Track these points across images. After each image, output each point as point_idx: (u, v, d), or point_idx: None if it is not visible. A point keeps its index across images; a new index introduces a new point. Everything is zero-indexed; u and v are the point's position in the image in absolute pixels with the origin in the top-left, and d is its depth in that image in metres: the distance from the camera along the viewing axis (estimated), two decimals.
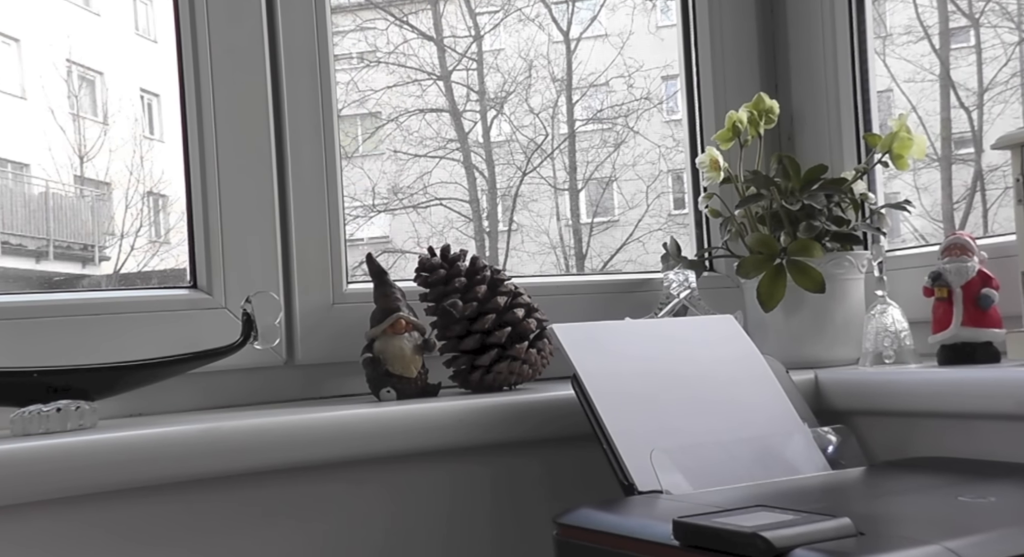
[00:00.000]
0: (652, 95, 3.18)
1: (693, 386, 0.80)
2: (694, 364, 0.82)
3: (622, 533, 0.61)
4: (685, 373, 0.81)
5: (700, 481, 0.72)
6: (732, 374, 0.83)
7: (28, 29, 3.52)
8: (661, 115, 3.24)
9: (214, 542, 0.75)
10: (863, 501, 0.69)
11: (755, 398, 0.82)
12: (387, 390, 0.85)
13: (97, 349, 0.82)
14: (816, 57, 1.18)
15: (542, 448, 0.85)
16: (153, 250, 3.31)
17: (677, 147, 3.10)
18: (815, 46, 1.18)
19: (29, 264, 3.33)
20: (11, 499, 0.67)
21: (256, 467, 0.75)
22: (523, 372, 0.90)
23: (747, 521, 0.55)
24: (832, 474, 0.77)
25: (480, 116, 3.33)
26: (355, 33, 3.16)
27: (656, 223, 3.23)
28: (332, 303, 0.95)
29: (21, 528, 0.69)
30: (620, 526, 0.62)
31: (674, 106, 3.09)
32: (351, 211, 2.99)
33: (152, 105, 3.63)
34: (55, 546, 0.70)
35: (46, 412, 0.72)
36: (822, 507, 0.58)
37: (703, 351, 0.83)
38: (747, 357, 0.85)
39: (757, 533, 0.52)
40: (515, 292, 0.92)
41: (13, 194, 3.37)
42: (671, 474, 0.71)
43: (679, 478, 0.71)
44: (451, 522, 0.83)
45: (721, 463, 0.75)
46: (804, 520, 0.54)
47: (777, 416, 0.81)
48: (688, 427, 0.77)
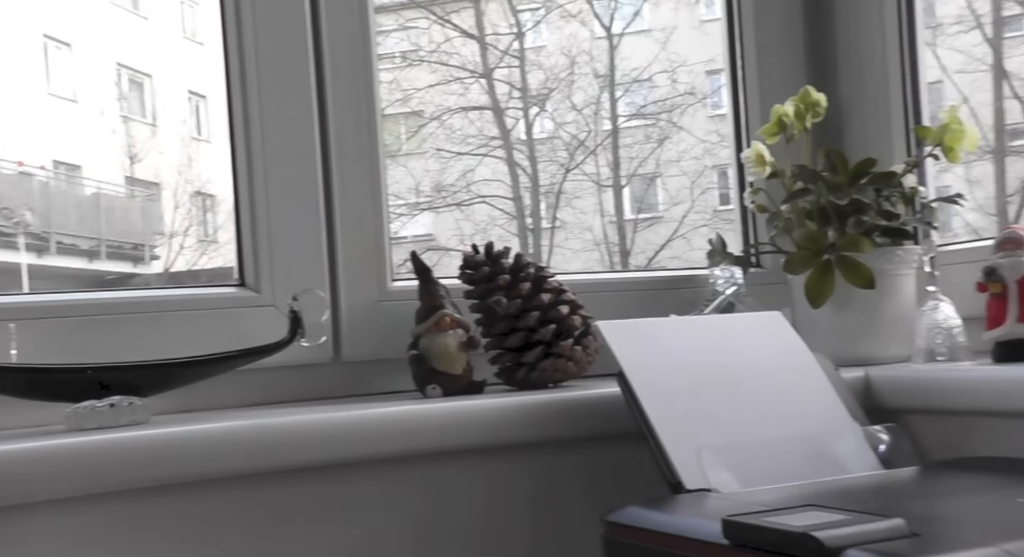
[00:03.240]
0: (696, 90, 3.15)
1: (740, 383, 0.79)
2: (741, 361, 0.81)
3: (670, 532, 0.61)
4: (732, 370, 0.80)
5: (749, 480, 0.71)
6: (780, 371, 0.82)
7: (79, 34, 3.59)
8: (705, 110, 3.21)
9: (263, 536, 0.76)
10: (917, 501, 0.67)
11: (804, 396, 0.81)
12: (432, 387, 0.86)
13: (148, 346, 0.83)
14: (864, 48, 1.16)
15: (587, 446, 0.84)
16: (202, 249, 3.36)
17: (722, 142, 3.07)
18: (863, 37, 1.16)
19: (82, 263, 3.40)
20: (66, 492, 0.69)
21: (303, 463, 0.76)
22: (568, 369, 0.89)
23: (798, 521, 0.54)
24: (884, 474, 0.75)
25: (523, 113, 3.33)
26: (398, 32, 3.18)
27: (701, 219, 3.21)
28: (377, 301, 0.95)
29: (75, 520, 0.70)
30: (668, 525, 0.62)
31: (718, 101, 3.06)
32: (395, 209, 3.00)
33: (199, 106, 3.70)
34: (107, 538, 0.71)
35: (100, 408, 0.74)
36: (874, 507, 0.57)
37: (750, 348, 0.82)
38: (795, 354, 0.83)
39: (808, 533, 0.52)
40: (559, 289, 0.92)
41: (66, 195, 3.44)
42: (719, 472, 0.70)
43: (727, 476, 0.71)
44: (495, 519, 0.83)
45: (770, 461, 0.74)
46: (856, 520, 0.53)
47: (827, 414, 0.80)
48: (736, 425, 0.76)
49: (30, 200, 3.25)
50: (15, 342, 0.77)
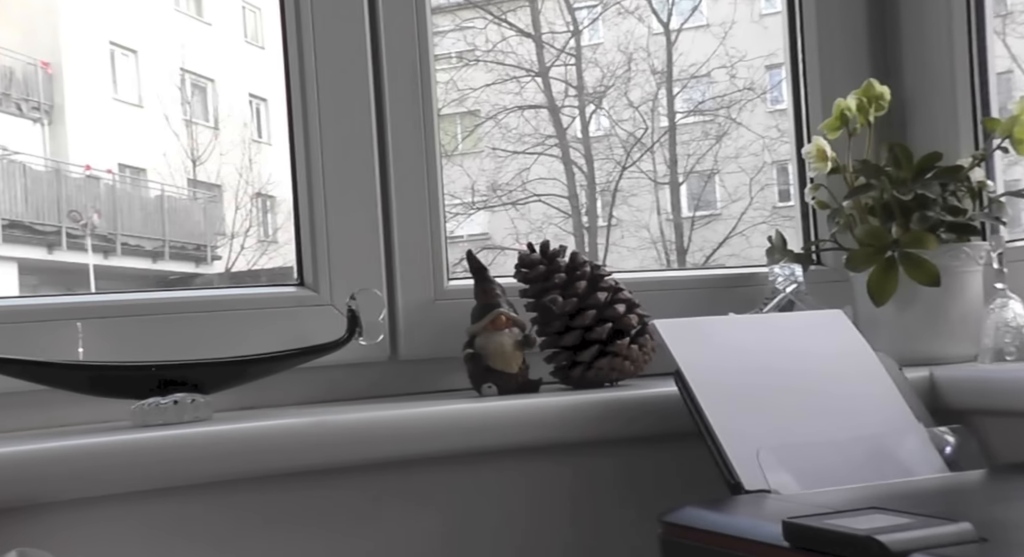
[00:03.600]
0: (755, 85, 3.11)
1: (801, 383, 0.78)
2: (802, 360, 0.79)
3: (729, 533, 0.60)
4: (792, 369, 0.78)
5: (809, 481, 0.70)
6: (842, 371, 0.80)
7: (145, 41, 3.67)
8: (765, 105, 3.16)
9: (321, 531, 0.77)
10: (985, 505, 0.65)
11: (867, 396, 0.79)
12: (488, 385, 0.86)
13: (210, 344, 0.85)
14: (930, 39, 1.13)
15: (643, 445, 0.84)
16: (262, 249, 3.42)
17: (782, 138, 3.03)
18: (929, 27, 1.13)
19: (146, 264, 3.48)
20: (131, 486, 0.71)
21: (361, 460, 0.76)
22: (624, 368, 0.89)
23: (861, 523, 0.53)
24: (950, 476, 0.74)
25: (579, 111, 3.32)
26: (454, 33, 3.19)
27: (760, 216, 3.17)
28: (434, 300, 0.96)
29: (139, 514, 0.72)
30: (727, 526, 0.61)
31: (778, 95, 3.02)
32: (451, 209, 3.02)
33: (260, 109, 3.76)
34: (170, 532, 0.73)
35: (164, 404, 0.75)
36: (940, 510, 0.55)
37: (811, 347, 0.81)
38: (858, 353, 0.82)
39: (872, 536, 0.51)
40: (616, 287, 0.91)
41: (131, 198, 3.53)
42: (779, 473, 0.69)
43: (787, 477, 0.69)
44: (550, 518, 0.83)
45: (831, 463, 0.72)
46: (921, 524, 0.52)
47: (890, 415, 0.78)
48: (796, 425, 0.75)
49: (97, 203, 3.34)
50: (82, 340, 0.79)
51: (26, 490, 0.67)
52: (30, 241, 3.20)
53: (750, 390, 0.76)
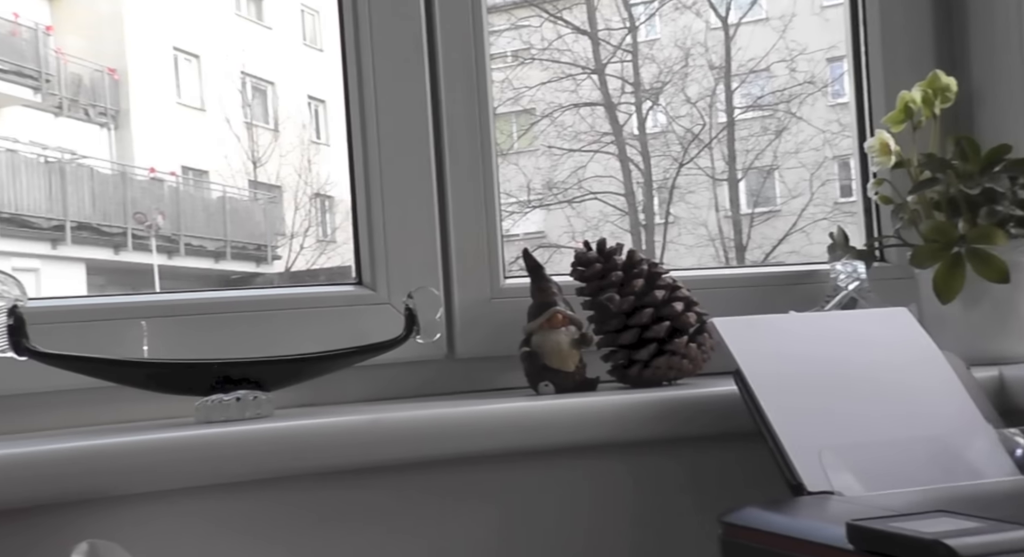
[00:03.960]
0: (816, 78, 3.06)
1: (864, 382, 0.76)
2: (865, 359, 0.78)
3: (792, 534, 0.59)
4: (856, 368, 0.77)
5: (873, 483, 0.68)
6: (907, 370, 0.78)
7: (207, 46, 3.75)
8: (826, 99, 3.11)
9: (379, 528, 0.77)
10: None
11: (933, 396, 0.77)
12: (545, 384, 0.86)
13: (271, 343, 0.86)
14: (999, 28, 1.10)
15: (701, 445, 0.83)
16: (320, 249, 3.46)
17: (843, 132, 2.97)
18: (997, 15, 1.10)
19: (209, 264, 3.56)
20: (194, 481, 0.72)
21: (419, 456, 0.77)
22: (683, 367, 0.88)
23: (928, 527, 0.52)
24: (1021, 479, 0.71)
25: (635, 108, 3.30)
26: (510, 31, 3.20)
27: (821, 212, 3.12)
28: (490, 298, 0.96)
29: (200, 509, 0.73)
30: (789, 527, 0.60)
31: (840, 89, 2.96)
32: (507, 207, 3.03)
33: (319, 111, 3.81)
34: (231, 526, 0.74)
35: (226, 401, 0.76)
36: (1011, 515, 0.54)
37: (875, 345, 0.79)
38: (923, 352, 0.80)
39: (940, 540, 0.49)
40: (673, 285, 0.90)
41: (194, 199, 3.61)
42: (842, 474, 0.68)
43: (851, 479, 0.68)
44: (606, 517, 0.82)
45: (896, 464, 0.71)
46: (992, 528, 0.51)
47: (957, 415, 0.76)
48: (860, 425, 0.73)
49: (161, 205, 3.42)
50: (147, 339, 0.81)
51: (95, 483, 0.69)
52: (97, 242, 3.29)
53: (812, 389, 0.74)
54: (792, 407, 0.72)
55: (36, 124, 3.32)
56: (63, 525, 0.69)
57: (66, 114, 3.36)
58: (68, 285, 3.23)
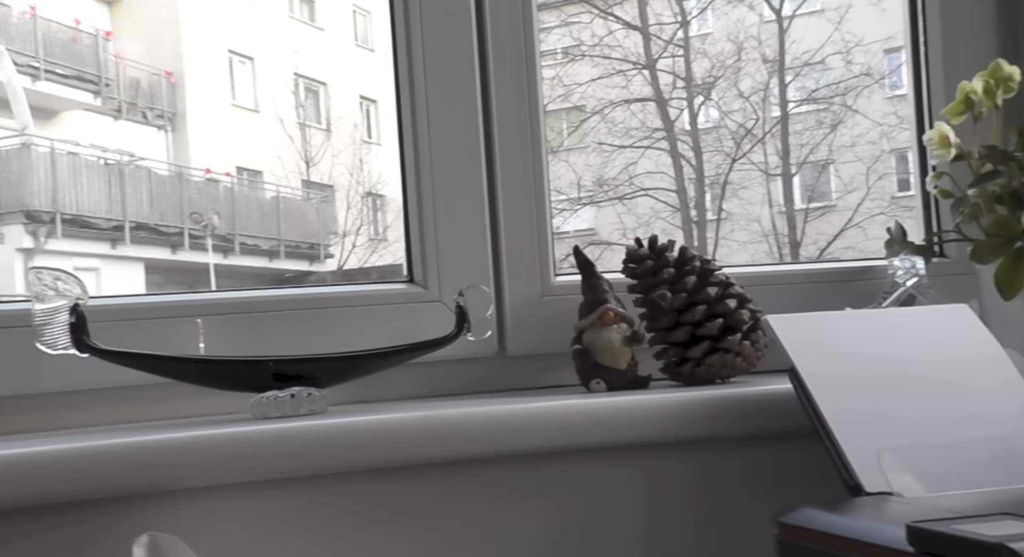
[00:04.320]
0: (873, 70, 3.01)
1: (923, 381, 0.74)
2: (924, 357, 0.76)
3: (850, 536, 0.58)
4: (914, 367, 0.75)
5: (933, 484, 0.66)
6: (968, 368, 0.76)
7: (260, 48, 3.80)
8: (883, 91, 3.05)
9: (429, 526, 0.78)
10: None
11: (995, 395, 0.75)
12: (597, 382, 0.85)
13: (324, 340, 0.87)
14: None
15: (755, 444, 0.82)
16: (372, 247, 3.49)
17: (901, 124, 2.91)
18: None
19: (263, 262, 3.61)
20: (250, 476, 0.73)
21: (470, 454, 0.77)
22: (736, 365, 0.87)
23: (991, 529, 0.50)
24: None
25: (687, 103, 3.27)
26: (560, 28, 3.19)
27: (878, 207, 3.06)
28: (541, 295, 0.96)
29: (255, 503, 0.74)
30: (847, 528, 0.59)
31: (898, 81, 2.91)
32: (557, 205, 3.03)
33: (370, 111, 3.84)
34: (285, 521, 0.75)
35: (281, 398, 0.77)
36: None
37: (934, 343, 0.77)
38: (985, 350, 0.78)
39: (1003, 544, 0.48)
40: (726, 282, 0.89)
41: (248, 199, 3.67)
42: (901, 475, 0.66)
43: (910, 479, 0.67)
44: (659, 514, 0.82)
45: (957, 465, 0.69)
46: None
47: (1021, 415, 0.74)
48: (919, 425, 0.71)
49: (217, 205, 3.48)
50: (203, 336, 0.83)
51: (154, 477, 0.70)
52: (155, 242, 3.36)
53: (869, 388, 0.73)
54: (849, 406, 0.71)
55: (96, 127, 3.40)
56: (124, 518, 0.71)
57: (125, 117, 3.44)
58: (127, 284, 3.30)
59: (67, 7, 3.39)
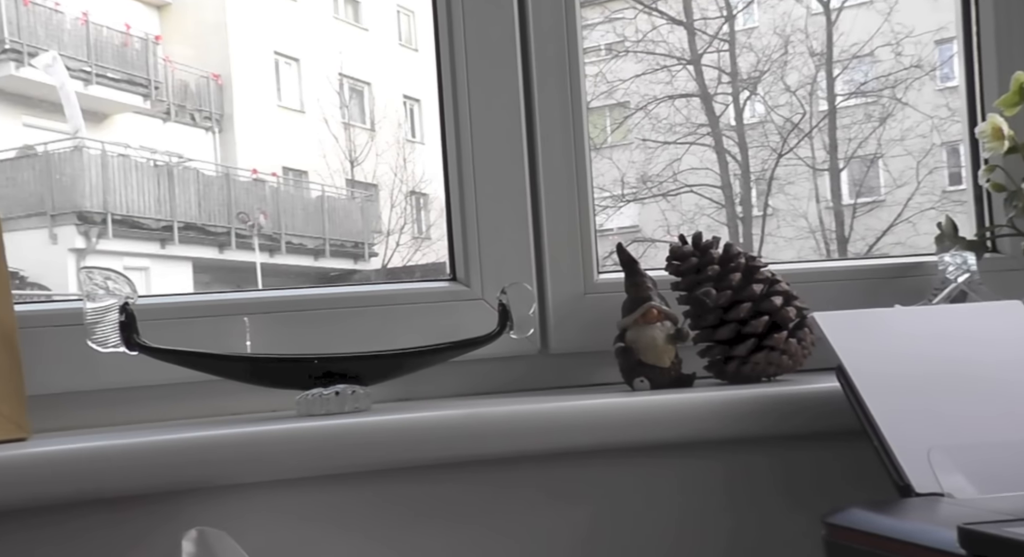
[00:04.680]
0: (924, 62, 2.95)
1: (975, 379, 0.73)
2: (976, 355, 0.74)
3: (900, 537, 0.57)
4: (966, 365, 0.74)
5: (986, 485, 0.65)
6: (1021, 366, 0.74)
7: (306, 49, 3.85)
8: (934, 83, 2.99)
9: (475, 521, 0.78)
10: None
11: None
12: (640, 380, 0.85)
13: (368, 338, 0.88)
14: None
15: (802, 443, 0.81)
16: (416, 245, 3.51)
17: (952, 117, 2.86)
18: None
19: (308, 261, 3.66)
20: (296, 472, 0.74)
21: (513, 452, 0.77)
22: (782, 363, 0.86)
23: None
24: None
25: (732, 98, 3.24)
26: (603, 25, 3.18)
27: (928, 201, 3.00)
28: (584, 293, 0.95)
29: (300, 500, 0.75)
30: (897, 530, 0.58)
31: (949, 72, 2.85)
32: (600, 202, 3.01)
33: (414, 110, 3.86)
34: (328, 517, 0.76)
35: (326, 395, 0.78)
36: None
37: (986, 340, 0.76)
38: None
39: None
40: (772, 279, 0.88)
41: (293, 199, 3.71)
42: (952, 475, 0.65)
43: (962, 480, 0.65)
44: (703, 514, 0.81)
45: (1010, 465, 0.67)
46: None
47: None
48: (971, 424, 0.70)
49: (263, 205, 3.53)
50: (250, 334, 0.84)
51: (201, 473, 0.71)
52: (203, 242, 3.41)
53: (919, 386, 0.71)
54: (898, 405, 0.70)
55: (146, 129, 3.46)
56: (174, 513, 0.72)
57: (173, 119, 3.50)
58: (175, 283, 3.36)
59: (118, 12, 3.45)
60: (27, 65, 3.19)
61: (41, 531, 0.71)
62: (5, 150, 3.25)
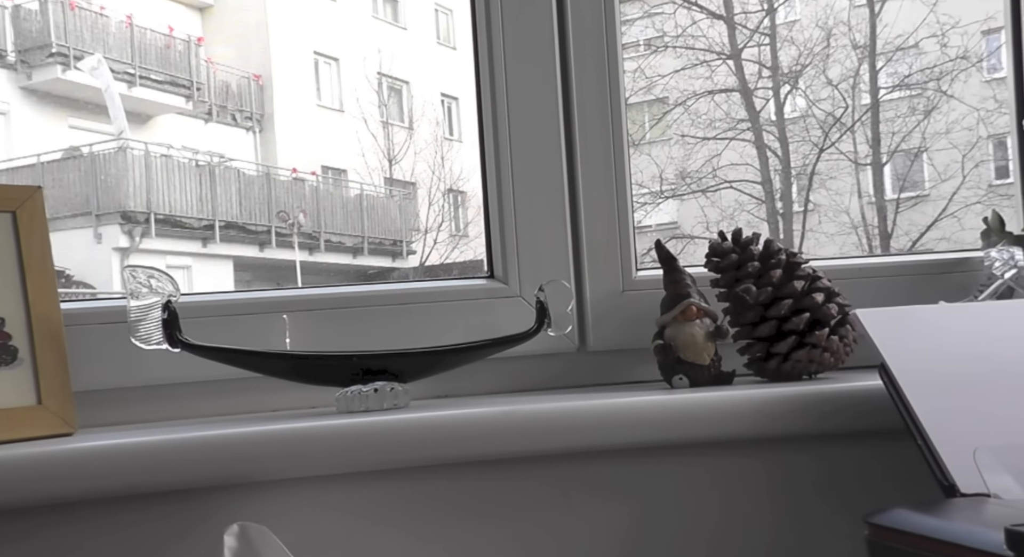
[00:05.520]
0: (970, 53, 2.89)
1: (1022, 378, 0.71)
2: (1023, 352, 0.73)
3: (945, 538, 0.56)
4: (1012, 363, 0.72)
5: None
6: None
7: (345, 49, 3.88)
8: (980, 74, 2.94)
9: (511, 518, 0.78)
10: None
11: None
12: (679, 377, 0.84)
13: (407, 335, 0.88)
14: None
15: (844, 441, 0.80)
16: (454, 243, 3.53)
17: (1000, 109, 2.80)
18: None
19: (347, 259, 3.68)
20: (336, 468, 0.74)
21: (551, 449, 0.77)
22: (824, 360, 0.85)
23: None
24: None
25: (772, 93, 3.20)
26: (642, 20, 3.16)
27: (974, 195, 2.95)
28: (622, 290, 0.95)
29: (340, 495, 0.76)
30: (942, 531, 0.57)
31: (996, 63, 2.79)
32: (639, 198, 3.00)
33: (452, 108, 3.88)
34: (367, 513, 0.76)
35: (365, 392, 0.79)
36: None
37: None
38: None
39: None
40: (813, 276, 0.87)
41: (333, 197, 3.74)
42: (998, 476, 0.64)
43: (1008, 480, 0.64)
44: (743, 513, 0.80)
45: None
46: None
47: None
48: (1018, 424, 0.68)
49: (303, 203, 3.57)
50: (289, 331, 0.84)
51: (242, 469, 0.72)
52: (244, 240, 3.46)
53: (964, 384, 0.70)
54: (943, 404, 0.68)
55: (188, 130, 3.52)
56: (216, 508, 0.73)
57: (215, 120, 3.55)
58: (217, 281, 3.41)
59: (161, 15, 3.51)
60: (73, 68, 3.25)
61: (87, 524, 0.72)
62: (52, 151, 3.31)
